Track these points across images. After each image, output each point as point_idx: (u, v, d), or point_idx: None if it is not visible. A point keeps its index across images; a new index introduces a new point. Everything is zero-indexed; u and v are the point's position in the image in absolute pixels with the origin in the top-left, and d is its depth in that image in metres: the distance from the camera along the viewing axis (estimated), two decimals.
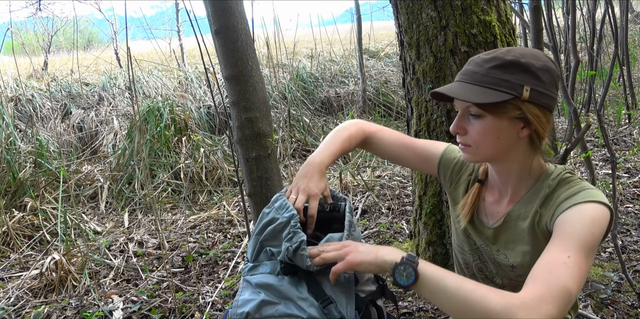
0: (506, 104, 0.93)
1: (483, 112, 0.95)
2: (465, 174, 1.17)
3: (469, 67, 0.98)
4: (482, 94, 0.93)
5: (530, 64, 0.93)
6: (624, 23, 4.92)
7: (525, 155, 1.00)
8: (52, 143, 4.98)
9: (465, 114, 0.99)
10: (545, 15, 3.19)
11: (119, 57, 8.13)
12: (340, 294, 0.93)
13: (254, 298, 0.93)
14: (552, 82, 0.95)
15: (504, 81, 0.92)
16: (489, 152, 0.99)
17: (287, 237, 0.95)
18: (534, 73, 0.93)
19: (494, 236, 1.07)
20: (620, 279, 2.07)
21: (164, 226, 3.38)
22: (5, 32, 4.55)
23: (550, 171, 1.02)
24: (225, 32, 2.01)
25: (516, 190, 1.05)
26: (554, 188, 0.99)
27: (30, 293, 2.45)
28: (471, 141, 0.99)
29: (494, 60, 0.94)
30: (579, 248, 0.85)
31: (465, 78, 0.97)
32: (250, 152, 2.06)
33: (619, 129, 4.68)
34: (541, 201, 0.99)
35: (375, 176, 3.94)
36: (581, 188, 0.95)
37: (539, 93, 0.93)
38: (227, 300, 2.26)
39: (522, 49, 0.97)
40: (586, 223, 0.88)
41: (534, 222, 0.99)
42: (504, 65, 0.93)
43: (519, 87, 0.92)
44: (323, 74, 6.93)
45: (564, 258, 0.83)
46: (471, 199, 1.11)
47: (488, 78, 0.93)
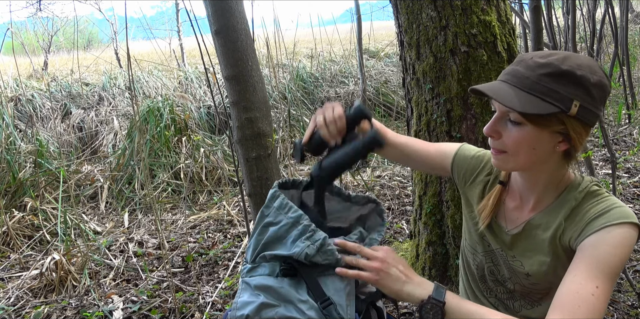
0: (551, 117, 0.87)
1: (524, 121, 0.89)
2: (483, 173, 1.13)
3: (518, 68, 0.91)
4: (528, 102, 0.87)
5: (586, 78, 0.86)
6: (624, 23, 4.92)
7: (556, 167, 0.97)
8: (52, 143, 4.98)
9: (504, 118, 0.93)
10: (545, 15, 3.19)
11: (119, 57, 8.13)
12: (340, 296, 0.92)
13: (253, 300, 0.92)
14: (602, 99, 0.90)
15: (555, 91, 0.86)
16: (521, 162, 0.95)
17: (305, 236, 0.94)
18: (587, 88, 0.87)
19: (511, 242, 1.05)
20: (620, 279, 2.07)
21: (164, 226, 3.38)
22: (5, 32, 4.55)
23: (577, 182, 0.99)
24: (225, 32, 2.02)
25: (540, 199, 1.02)
26: (581, 201, 0.96)
27: (30, 293, 2.45)
28: (505, 147, 0.94)
29: (548, 66, 0.87)
30: (606, 276, 0.84)
31: (513, 80, 0.90)
32: (250, 152, 2.07)
33: (619, 129, 4.68)
34: (566, 214, 0.96)
35: (375, 176, 3.94)
36: (611, 206, 0.92)
37: (587, 110, 0.88)
38: (227, 300, 2.26)
39: (580, 59, 0.89)
40: (614, 250, 0.87)
41: (556, 235, 0.97)
42: (558, 75, 0.86)
43: (568, 101, 0.86)
44: (323, 74, 6.93)
45: (592, 289, 0.83)
46: (492, 201, 1.07)
47: (538, 86, 0.87)
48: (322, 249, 0.93)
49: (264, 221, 1.01)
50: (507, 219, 1.07)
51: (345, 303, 0.91)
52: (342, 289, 0.93)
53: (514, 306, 1.09)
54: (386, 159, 1.26)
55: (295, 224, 0.96)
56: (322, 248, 0.93)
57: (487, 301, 1.14)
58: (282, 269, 0.94)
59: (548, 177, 0.98)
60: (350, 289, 0.94)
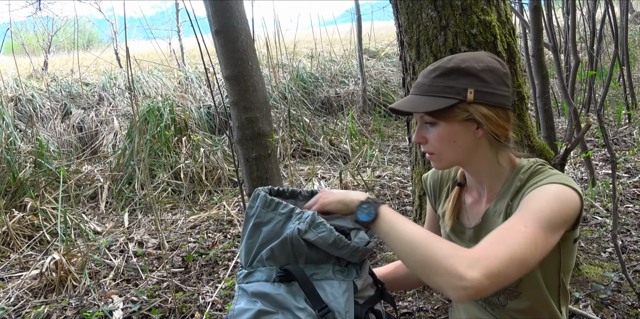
0: (453, 108, 0.97)
1: (435, 120, 1.00)
2: (444, 185, 1.21)
3: (418, 79, 1.03)
4: (429, 102, 0.98)
5: (471, 68, 0.97)
6: (624, 23, 4.91)
7: (489, 154, 1.03)
8: (52, 143, 4.98)
9: (422, 124, 1.04)
10: (545, 15, 3.19)
11: (119, 57, 8.13)
12: (338, 302, 0.91)
13: (250, 307, 0.92)
14: (499, 80, 0.99)
15: (448, 87, 0.97)
16: (452, 157, 1.03)
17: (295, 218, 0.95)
18: (476, 75, 0.97)
19: (474, 236, 1.09)
20: (620, 279, 2.07)
21: (164, 226, 3.38)
22: (5, 32, 4.56)
23: (522, 165, 1.05)
24: (225, 32, 2.02)
25: (491, 188, 1.07)
26: (525, 181, 1.01)
27: (30, 293, 2.45)
28: (432, 148, 1.03)
29: (437, 70, 1.00)
30: (538, 221, 0.86)
31: (416, 90, 1.02)
32: (250, 152, 2.07)
33: (619, 129, 4.68)
34: (513, 194, 1.01)
35: (375, 176, 3.94)
36: (549, 174, 0.98)
37: (485, 93, 0.97)
38: (227, 300, 2.26)
39: (465, 54, 1.02)
40: (548, 199, 0.90)
41: (506, 214, 1.01)
42: (446, 73, 0.98)
43: (463, 91, 0.96)
44: (323, 74, 6.93)
45: (520, 228, 0.85)
46: (452, 202, 1.14)
47: (433, 87, 0.99)
48: (314, 224, 0.93)
49: (251, 222, 1.00)
50: (470, 215, 1.13)
51: (344, 309, 0.91)
52: (340, 294, 0.92)
53: (500, 301, 1.10)
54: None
55: (289, 218, 0.96)
56: (313, 223, 0.93)
57: (475, 302, 1.16)
58: (279, 276, 0.93)
59: (488, 166, 1.05)
60: (348, 295, 0.93)
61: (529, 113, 1.86)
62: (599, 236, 2.53)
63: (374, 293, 1.02)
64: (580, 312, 1.82)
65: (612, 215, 1.86)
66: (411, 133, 2.13)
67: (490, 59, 1.01)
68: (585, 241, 2.48)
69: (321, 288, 0.93)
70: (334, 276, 0.95)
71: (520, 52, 2.47)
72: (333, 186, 3.73)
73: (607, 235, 2.51)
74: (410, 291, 2.14)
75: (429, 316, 1.97)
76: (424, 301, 2.06)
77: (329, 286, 0.93)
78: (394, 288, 1.35)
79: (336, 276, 0.95)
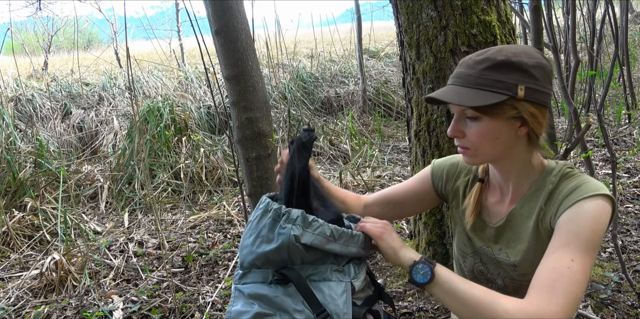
0: (502, 104, 0.92)
1: (479, 115, 0.95)
2: (461, 175, 1.17)
3: (461, 69, 0.98)
4: (476, 96, 0.93)
5: (523, 63, 0.92)
6: (624, 23, 4.91)
7: (524, 153, 1.00)
8: (52, 143, 4.98)
9: (462, 117, 0.99)
10: (545, 15, 3.18)
11: (119, 57, 8.13)
12: (336, 304, 0.90)
13: (247, 309, 0.91)
14: (546, 78, 0.95)
15: (498, 81, 0.92)
16: (488, 154, 0.99)
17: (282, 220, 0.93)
18: (527, 71, 0.92)
19: (496, 235, 1.07)
20: (620, 279, 2.07)
21: (164, 226, 3.38)
22: (5, 32, 4.55)
23: (551, 167, 1.03)
24: (225, 32, 2.02)
25: (518, 188, 1.05)
26: (557, 184, 0.99)
27: (30, 293, 2.45)
28: (469, 143, 0.99)
29: (486, 61, 0.94)
30: (583, 249, 0.86)
31: (459, 81, 0.96)
32: (250, 152, 2.07)
33: (619, 129, 4.68)
34: (545, 198, 0.99)
35: (375, 176, 3.94)
36: (582, 182, 0.96)
37: (534, 91, 0.93)
38: (227, 300, 2.26)
39: (514, 47, 0.96)
40: (588, 222, 0.89)
41: (538, 221, 0.99)
42: (497, 66, 0.93)
43: (513, 87, 0.92)
44: (323, 74, 6.93)
45: (568, 262, 0.85)
46: (474, 199, 1.10)
47: (481, 80, 0.93)
48: (306, 224, 0.91)
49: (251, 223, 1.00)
50: (491, 214, 1.10)
51: (342, 311, 0.90)
52: (338, 296, 0.91)
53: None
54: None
55: (265, 212, 0.95)
56: (305, 223, 0.91)
57: None
58: (276, 280, 0.93)
59: (519, 165, 1.02)
60: (346, 296, 0.92)
61: None
62: None
63: (372, 293, 1.01)
64: (580, 312, 1.82)
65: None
66: (411, 133, 2.13)
67: (539, 55, 0.96)
68: None
69: (319, 290, 0.92)
70: (332, 276, 0.94)
71: None
72: None
73: (607, 235, 2.51)
74: (411, 291, 2.14)
75: (429, 316, 1.97)
76: (424, 301, 2.06)
77: (326, 288, 0.92)
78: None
79: (334, 277, 0.94)
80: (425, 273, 0.90)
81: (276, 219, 0.93)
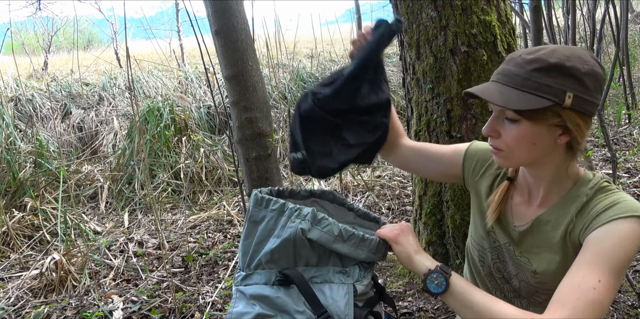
0: (546, 110, 0.87)
1: (520, 118, 0.90)
2: (493, 167, 1.12)
3: (508, 66, 0.92)
4: (521, 99, 0.87)
5: (576, 69, 0.86)
6: (624, 23, 4.91)
7: (561, 161, 0.96)
8: (52, 143, 4.98)
9: (500, 117, 0.94)
10: (545, 15, 3.18)
11: (119, 57, 8.13)
12: (338, 306, 0.90)
13: (248, 310, 0.91)
14: (597, 87, 0.89)
15: (546, 85, 0.86)
16: (523, 158, 0.95)
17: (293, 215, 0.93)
18: (579, 78, 0.87)
19: (519, 238, 1.04)
20: None
21: (164, 226, 3.38)
22: (5, 32, 4.56)
23: (587, 178, 0.98)
24: (225, 32, 2.02)
25: (548, 194, 1.00)
26: (592, 197, 0.94)
27: (30, 293, 2.45)
28: (504, 145, 0.94)
29: (536, 62, 0.87)
30: (611, 271, 0.83)
31: (504, 79, 0.91)
32: (250, 152, 2.07)
33: (619, 129, 4.68)
34: (577, 210, 0.94)
35: (375, 176, 3.94)
36: (618, 200, 0.91)
37: (582, 100, 0.87)
38: (227, 300, 2.26)
39: (568, 50, 0.90)
40: (620, 243, 0.85)
41: (567, 232, 0.96)
42: (547, 69, 0.87)
43: (561, 93, 0.86)
44: (323, 74, 6.93)
45: (594, 282, 0.81)
46: (499, 197, 1.06)
47: (529, 82, 0.87)
48: (316, 220, 0.91)
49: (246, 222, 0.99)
50: (514, 214, 1.06)
51: (344, 313, 0.90)
52: (340, 298, 0.91)
53: (522, 305, 1.07)
54: (396, 165, 1.25)
55: (281, 213, 0.94)
56: (315, 219, 0.91)
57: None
58: (278, 280, 0.92)
59: (554, 172, 0.97)
60: (348, 298, 0.92)
61: None
62: None
63: (373, 294, 1.01)
64: None
65: None
66: (411, 133, 2.13)
67: (594, 61, 0.89)
68: None
69: (321, 292, 0.92)
70: (335, 278, 0.93)
71: None
72: (333, 187, 3.73)
73: None
74: (411, 291, 2.14)
75: (429, 316, 1.97)
76: (424, 301, 2.06)
77: (328, 290, 0.92)
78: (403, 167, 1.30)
79: (337, 279, 0.93)
80: (440, 283, 0.88)
81: (289, 217, 0.94)
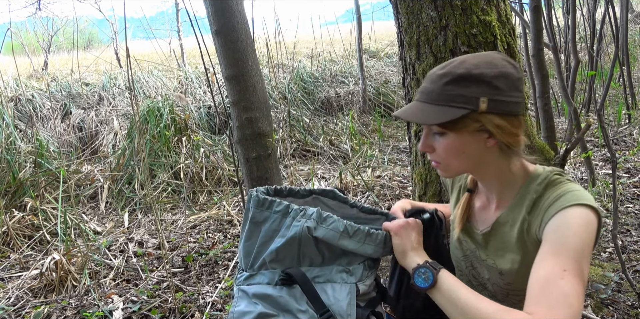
0: (464, 119, 0.91)
1: (444, 130, 0.94)
2: (457, 180, 1.21)
3: (425, 84, 0.97)
4: (439, 113, 0.92)
5: (484, 74, 0.91)
6: (624, 23, 4.91)
7: (500, 162, 0.99)
8: (52, 143, 4.98)
9: (430, 133, 0.99)
10: (545, 15, 3.19)
11: (119, 57, 8.13)
12: (340, 306, 0.91)
13: (251, 309, 0.91)
14: (512, 86, 0.93)
15: (459, 95, 0.91)
16: (459, 167, 1.00)
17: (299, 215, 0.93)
18: (489, 82, 0.91)
19: (483, 241, 1.07)
20: (620, 279, 2.07)
21: (164, 226, 3.38)
22: (5, 32, 4.55)
23: (537, 173, 1.00)
24: (225, 32, 2.02)
25: (502, 196, 1.04)
26: (541, 193, 0.96)
27: (30, 293, 2.45)
28: (440, 158, 0.99)
29: (446, 75, 0.92)
30: (573, 259, 0.83)
31: (423, 97, 0.96)
32: (251, 152, 2.07)
33: (619, 129, 4.68)
34: (529, 208, 0.97)
35: (375, 176, 3.94)
36: (566, 190, 0.93)
37: (497, 102, 0.91)
38: (227, 300, 2.26)
39: (477, 57, 0.94)
40: (574, 230, 0.86)
41: (522, 230, 0.98)
42: (457, 80, 0.91)
43: (475, 100, 0.90)
44: (323, 74, 6.93)
45: (560, 273, 0.82)
46: (462, 209, 1.12)
47: (443, 95, 0.92)
48: (321, 218, 0.92)
49: (247, 223, 0.99)
50: (478, 220, 1.10)
51: (346, 312, 0.90)
52: (343, 298, 0.92)
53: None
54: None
55: (285, 214, 0.95)
56: (321, 217, 0.92)
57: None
58: (281, 279, 0.93)
59: (498, 173, 1.01)
60: (350, 298, 0.92)
61: (529, 113, 1.86)
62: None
63: (375, 294, 1.01)
64: None
65: (612, 215, 1.86)
66: (411, 133, 2.13)
67: (504, 62, 0.94)
68: None
69: (323, 291, 0.92)
70: (337, 277, 0.94)
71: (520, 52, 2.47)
72: (333, 186, 3.73)
73: (607, 235, 2.51)
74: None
75: None
76: None
77: (331, 289, 0.92)
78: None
79: (339, 278, 0.94)
80: (427, 277, 0.88)
81: (294, 217, 0.95)
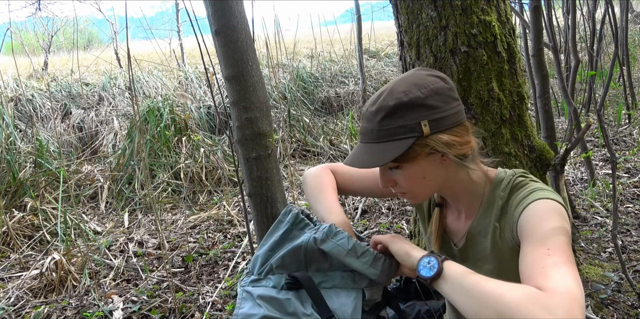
0: (413, 147, 0.90)
1: (398, 164, 0.93)
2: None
3: (363, 124, 0.95)
4: (385, 151, 0.90)
5: (416, 98, 0.89)
6: (624, 23, 4.91)
7: (461, 174, 0.98)
8: (52, 143, 4.98)
9: (385, 169, 0.97)
10: (545, 15, 3.19)
11: (119, 57, 8.13)
12: (344, 311, 0.90)
13: (255, 312, 0.91)
14: (446, 100, 0.91)
15: (399, 127, 0.89)
16: (426, 191, 0.99)
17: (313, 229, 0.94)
18: (423, 105, 0.89)
19: (461, 255, 1.06)
20: (620, 279, 2.07)
21: (164, 226, 3.38)
22: (5, 32, 4.55)
23: (499, 178, 0.99)
24: (225, 32, 2.01)
25: (469, 206, 1.03)
26: (507, 198, 0.96)
27: (30, 293, 2.45)
28: (404, 188, 0.97)
29: (379, 111, 0.90)
30: (552, 240, 0.81)
31: (365, 138, 0.94)
32: (251, 152, 2.06)
33: (619, 129, 4.68)
34: (497, 216, 0.96)
35: None
36: (530, 190, 0.93)
37: (438, 120, 0.90)
38: (227, 300, 2.26)
39: (403, 82, 0.92)
40: (546, 217, 0.85)
41: (495, 239, 0.96)
42: (392, 113, 0.89)
43: (416, 126, 0.89)
44: (323, 74, 6.93)
45: (544, 252, 0.79)
46: (435, 225, 1.10)
47: (383, 132, 0.90)
48: (332, 233, 0.93)
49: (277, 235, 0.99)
50: (452, 232, 1.09)
51: (351, 317, 0.90)
52: (349, 303, 0.91)
53: None
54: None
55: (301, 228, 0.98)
56: (331, 232, 0.93)
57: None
58: (287, 283, 0.93)
59: (462, 185, 1.00)
60: (356, 303, 0.92)
61: (529, 113, 1.86)
62: (599, 236, 2.53)
63: (380, 299, 1.01)
64: None
65: (612, 215, 1.86)
66: None
67: (431, 77, 0.92)
68: (585, 241, 2.48)
69: (329, 296, 0.92)
70: (343, 283, 0.94)
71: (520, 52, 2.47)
72: None
73: (607, 235, 2.51)
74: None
75: None
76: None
77: (336, 295, 0.92)
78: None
79: (345, 283, 0.94)
80: (432, 266, 0.82)
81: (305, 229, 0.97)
